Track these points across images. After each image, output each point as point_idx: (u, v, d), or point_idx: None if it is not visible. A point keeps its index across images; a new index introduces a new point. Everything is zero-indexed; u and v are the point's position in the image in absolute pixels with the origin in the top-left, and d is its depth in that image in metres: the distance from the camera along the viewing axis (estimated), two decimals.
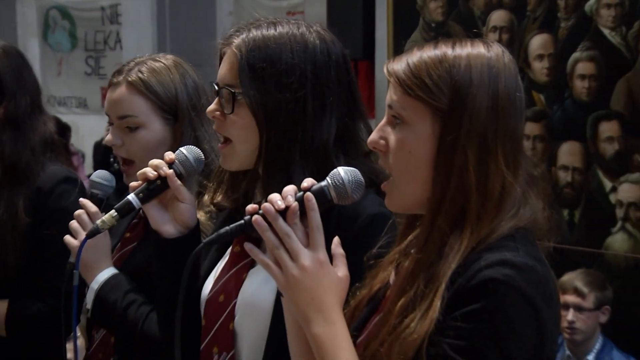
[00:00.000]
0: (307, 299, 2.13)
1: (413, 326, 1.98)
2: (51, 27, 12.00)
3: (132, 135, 3.10)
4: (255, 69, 2.51)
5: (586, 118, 6.39)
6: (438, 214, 2.07)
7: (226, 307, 2.61)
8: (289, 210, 2.13)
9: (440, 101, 2.04)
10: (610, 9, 6.30)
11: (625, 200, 6.27)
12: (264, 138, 2.52)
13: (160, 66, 3.14)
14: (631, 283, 6.16)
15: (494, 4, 6.90)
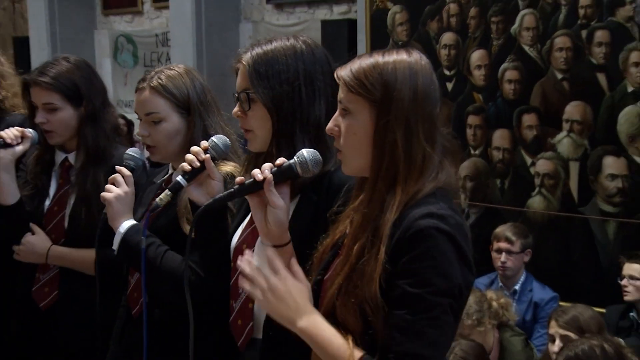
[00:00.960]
0: (285, 307, 2.16)
1: (368, 268, 2.05)
2: (119, 50, 11.85)
3: (156, 127, 3.05)
4: (260, 72, 2.53)
5: (512, 112, 6.46)
6: (377, 178, 2.12)
7: (239, 249, 2.62)
8: (265, 180, 2.25)
9: (375, 96, 2.11)
10: (529, 31, 6.32)
11: (541, 172, 6.32)
12: (275, 120, 2.53)
13: (174, 73, 3.10)
14: (546, 232, 6.24)
15: (444, 28, 6.87)
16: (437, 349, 2.04)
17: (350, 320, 2.07)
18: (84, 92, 3.55)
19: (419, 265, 2.00)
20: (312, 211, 2.46)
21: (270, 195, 2.26)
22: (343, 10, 9.37)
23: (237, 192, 2.32)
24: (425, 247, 2.01)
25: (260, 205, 2.30)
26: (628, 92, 5.88)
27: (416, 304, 2.00)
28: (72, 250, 3.53)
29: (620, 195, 5.94)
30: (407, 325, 2.00)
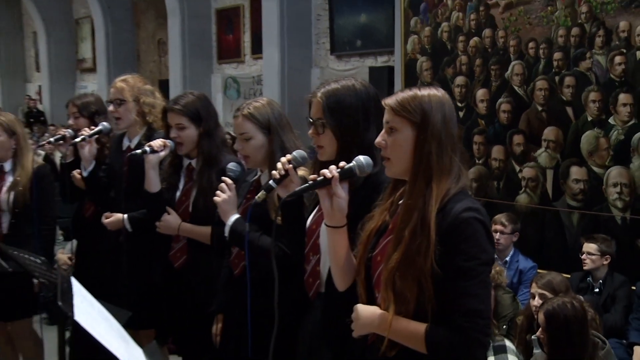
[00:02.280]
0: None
1: (422, 248, 1.99)
2: (228, 87, 11.98)
3: (247, 143, 3.05)
4: (331, 107, 2.49)
5: (506, 133, 6.41)
6: (417, 179, 2.07)
7: (315, 231, 2.59)
8: (333, 177, 2.18)
9: (415, 118, 2.08)
10: (518, 76, 6.30)
11: (526, 177, 6.29)
12: (339, 143, 2.50)
13: (259, 104, 3.08)
14: (529, 220, 6.18)
15: (457, 73, 6.86)
16: (487, 303, 2.03)
17: (408, 289, 2.01)
18: (203, 116, 3.55)
19: (467, 245, 1.98)
20: (359, 202, 2.37)
21: (336, 189, 2.20)
22: (384, 60, 9.32)
23: (311, 186, 2.25)
24: (470, 232, 1.99)
25: (328, 196, 2.22)
26: (588, 120, 5.85)
27: (469, 274, 1.97)
28: (195, 226, 3.52)
29: (582, 194, 5.91)
30: (465, 290, 1.97)
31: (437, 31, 7.16)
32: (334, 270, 2.30)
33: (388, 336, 2.06)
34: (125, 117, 3.96)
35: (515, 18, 6.42)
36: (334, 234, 2.25)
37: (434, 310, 2.00)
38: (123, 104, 3.94)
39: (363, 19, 9.72)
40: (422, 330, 2.01)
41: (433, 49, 7.24)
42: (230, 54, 12.31)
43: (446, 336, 1.97)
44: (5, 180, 4.34)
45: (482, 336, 1.97)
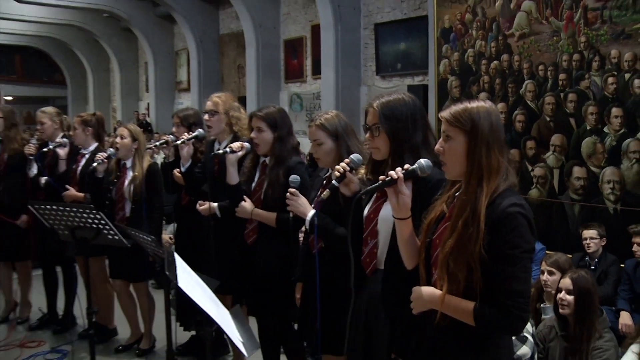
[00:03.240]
0: (428, 303, 2.06)
1: (473, 236, 1.92)
2: (293, 102, 12.03)
3: (319, 148, 3.02)
4: (385, 114, 2.44)
5: (520, 139, 6.34)
6: (470, 178, 2.00)
7: (373, 219, 2.52)
8: (399, 178, 2.11)
9: (467, 127, 2.00)
10: (530, 92, 6.23)
11: (537, 175, 6.22)
12: (392, 145, 2.45)
13: (329, 116, 3.05)
14: (539, 210, 6.05)
15: (481, 90, 6.79)
16: (527, 284, 1.95)
17: (459, 270, 1.95)
18: (279, 124, 3.52)
19: (512, 235, 1.91)
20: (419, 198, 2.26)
21: (401, 187, 2.12)
22: (420, 79, 9.31)
23: (381, 185, 2.17)
24: (514, 224, 1.91)
25: (395, 193, 2.14)
26: (587, 129, 5.80)
27: (513, 260, 1.90)
28: (264, 212, 3.48)
29: (582, 189, 5.85)
30: (509, 273, 1.90)
31: (464, 56, 7.14)
32: (402, 253, 2.23)
33: (441, 309, 2.02)
34: (216, 125, 3.99)
35: (527, 46, 6.39)
36: (401, 224, 2.19)
37: (481, 290, 1.95)
38: (216, 115, 3.98)
39: (402, 46, 9.81)
40: (471, 306, 1.96)
41: (461, 71, 7.20)
42: (295, 75, 12.41)
43: (492, 312, 1.93)
44: (127, 175, 4.51)
45: (522, 312, 1.92)
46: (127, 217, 4.48)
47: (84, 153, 4.89)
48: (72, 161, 4.90)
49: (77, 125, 4.84)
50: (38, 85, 24.62)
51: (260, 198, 3.55)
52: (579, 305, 3.42)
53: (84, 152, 4.90)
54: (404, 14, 9.86)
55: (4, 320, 5.51)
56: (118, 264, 4.57)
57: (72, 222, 3.63)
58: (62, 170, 4.86)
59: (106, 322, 5.05)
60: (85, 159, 4.84)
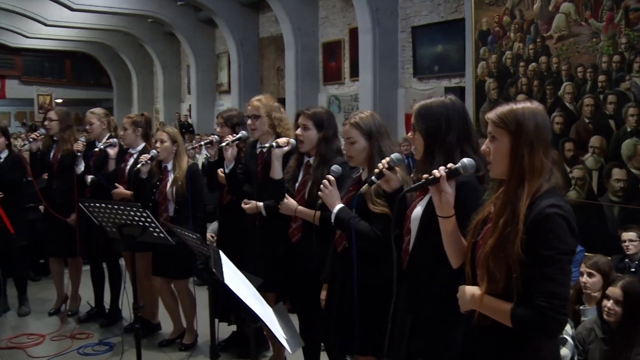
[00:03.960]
0: (469, 304, 2.03)
1: (511, 236, 1.89)
2: (331, 103, 12.02)
3: (352, 146, 2.99)
4: (421, 114, 2.43)
5: (559, 141, 6.23)
6: (511, 178, 1.97)
7: (409, 217, 2.46)
8: (441, 176, 2.08)
9: (511, 128, 1.96)
10: (569, 94, 6.16)
11: (575, 177, 6.13)
12: (427, 143, 2.41)
13: (364, 115, 3.03)
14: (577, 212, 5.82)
15: (519, 91, 6.72)
16: (564, 287, 1.89)
17: (499, 270, 1.92)
18: (325, 125, 3.50)
19: (548, 236, 1.86)
20: None
21: (444, 186, 2.09)
22: (457, 81, 9.28)
23: (423, 183, 2.14)
24: (551, 225, 1.86)
25: (438, 191, 2.11)
26: (627, 131, 5.70)
27: (548, 261, 1.86)
28: (307, 209, 3.46)
29: (622, 191, 5.75)
30: (544, 274, 1.86)
31: (502, 58, 7.07)
32: (447, 251, 2.19)
33: (478, 309, 1.98)
34: (259, 128, 3.97)
35: (566, 47, 6.29)
36: (444, 222, 2.15)
37: (519, 291, 1.90)
38: (258, 118, 3.96)
39: (439, 49, 9.76)
40: (508, 308, 1.91)
41: (498, 73, 7.13)
42: (333, 77, 12.43)
43: (528, 313, 1.88)
44: (168, 177, 4.55)
45: (558, 315, 1.86)
46: (170, 217, 4.52)
47: (132, 153, 4.95)
48: (120, 160, 4.98)
49: (128, 125, 4.90)
50: (86, 88, 25.25)
51: (304, 197, 3.54)
52: (626, 315, 3.33)
53: (132, 152, 4.96)
54: (440, 17, 9.80)
55: (56, 312, 5.65)
56: (160, 261, 4.60)
57: (119, 219, 3.68)
58: (111, 169, 4.92)
59: (150, 316, 5.11)
60: (133, 159, 4.90)
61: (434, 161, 2.32)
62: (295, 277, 3.61)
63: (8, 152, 5.52)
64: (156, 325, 5.15)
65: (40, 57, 24.53)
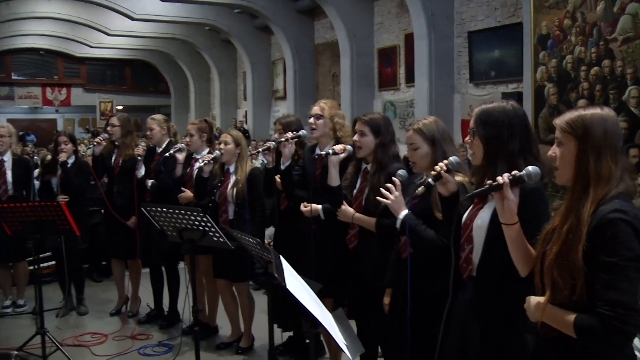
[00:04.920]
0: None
1: (574, 243, 1.85)
2: (387, 109, 11.95)
3: (415, 152, 2.98)
4: (482, 119, 2.38)
5: (623, 147, 6.10)
6: (576, 184, 1.94)
7: (470, 225, 2.42)
8: (504, 183, 2.06)
9: (578, 134, 1.92)
10: (634, 98, 5.99)
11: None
12: (485, 150, 2.37)
13: (427, 121, 3.01)
14: None
15: (580, 96, 6.59)
16: (630, 295, 1.81)
17: (562, 278, 1.87)
18: (382, 131, 3.49)
19: (611, 243, 1.81)
20: None
21: (507, 193, 2.06)
22: (514, 86, 9.16)
23: (486, 189, 2.13)
24: (614, 231, 1.81)
25: (501, 198, 2.09)
26: None
27: (612, 268, 1.80)
28: (364, 216, 3.46)
29: None
30: (607, 282, 1.80)
31: (563, 62, 6.92)
32: (514, 259, 2.15)
33: (541, 319, 1.94)
34: (320, 128, 4.00)
35: (632, 50, 6.10)
36: (507, 229, 2.12)
37: (584, 300, 1.84)
38: (321, 118, 3.99)
39: (496, 53, 9.65)
40: (572, 317, 1.85)
41: (559, 77, 6.98)
42: (389, 83, 12.40)
43: (591, 323, 1.81)
44: (230, 179, 4.61)
45: (623, 324, 1.78)
46: (230, 219, 4.56)
47: (197, 157, 5.00)
48: (186, 166, 5.06)
49: (194, 132, 5.00)
50: (145, 95, 25.91)
51: (362, 204, 3.52)
52: None
53: (197, 157, 5.01)
54: (497, 22, 9.67)
55: (117, 312, 5.78)
56: (221, 263, 4.63)
57: (180, 224, 3.73)
58: (179, 174, 5.00)
59: (209, 319, 5.16)
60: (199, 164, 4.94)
61: (496, 169, 2.28)
62: (353, 283, 3.60)
63: (75, 158, 5.71)
64: (214, 328, 5.20)
65: (102, 66, 25.41)
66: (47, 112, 26.54)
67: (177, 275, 5.37)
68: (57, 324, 5.46)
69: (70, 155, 5.63)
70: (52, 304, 5.77)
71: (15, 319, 5.66)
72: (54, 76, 25.49)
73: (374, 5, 12.74)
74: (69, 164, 5.58)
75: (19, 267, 5.87)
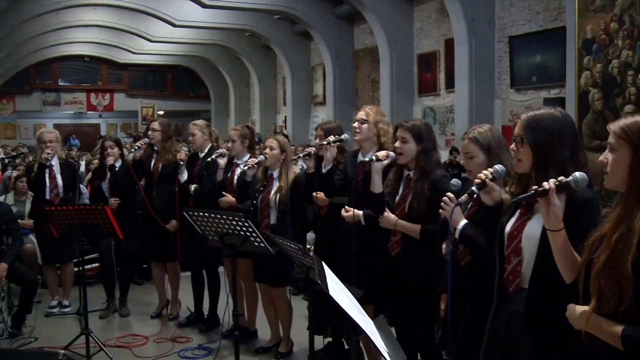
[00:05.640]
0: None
1: (624, 253, 1.79)
2: (426, 115, 11.91)
3: (471, 161, 2.93)
4: (531, 126, 2.33)
5: None
6: (630, 191, 1.87)
7: (517, 237, 2.37)
8: (550, 189, 2.02)
9: (633, 140, 1.85)
10: None
11: None
12: (535, 158, 2.31)
13: (482, 130, 2.96)
14: None
15: (626, 102, 6.45)
16: None
17: (609, 288, 1.81)
18: (424, 137, 3.46)
19: None
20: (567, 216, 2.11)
21: (553, 199, 2.02)
22: (556, 92, 9.04)
23: (532, 195, 2.09)
24: None
25: (546, 204, 2.04)
26: None
27: None
28: (408, 223, 3.44)
29: None
30: None
31: (608, 67, 6.77)
32: (559, 265, 2.10)
33: (585, 329, 1.87)
34: (363, 132, 3.97)
35: None
36: (552, 236, 2.07)
37: (633, 312, 1.77)
38: (365, 122, 3.97)
39: (538, 58, 9.52)
40: (619, 329, 1.78)
41: (604, 82, 6.83)
42: (428, 88, 12.36)
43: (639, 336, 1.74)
44: (273, 184, 4.62)
45: None
46: (272, 224, 4.56)
47: (238, 163, 5.04)
48: (227, 171, 5.09)
49: (236, 137, 5.03)
50: (185, 100, 26.30)
51: (404, 210, 3.50)
52: None
53: (238, 162, 5.04)
54: (539, 26, 9.56)
55: (158, 315, 5.86)
56: (261, 268, 4.65)
57: (222, 228, 3.75)
58: (219, 179, 5.03)
59: (249, 323, 5.17)
60: (240, 169, 4.98)
61: (547, 177, 2.20)
62: (395, 290, 3.58)
63: (122, 162, 5.83)
64: (253, 332, 5.21)
65: (144, 72, 25.94)
66: (91, 117, 27.23)
67: (218, 279, 5.40)
68: (100, 325, 5.57)
69: (117, 158, 5.75)
70: (96, 305, 5.89)
71: (61, 319, 5.79)
72: (98, 82, 26.14)
73: (413, 11, 12.71)
74: (116, 167, 5.69)
75: (66, 268, 6.01)
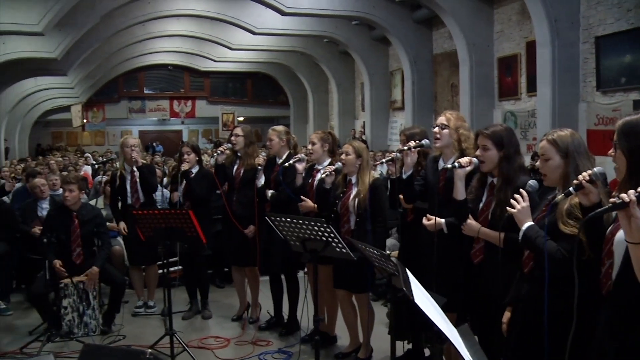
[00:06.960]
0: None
1: None
2: (507, 120, 11.63)
3: (546, 163, 2.85)
4: (624, 132, 2.25)
5: None
6: None
7: (610, 240, 2.33)
8: (631, 201, 1.95)
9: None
10: None
11: None
12: (631, 164, 2.23)
13: (562, 133, 2.87)
14: None
15: None
16: None
17: None
18: (505, 143, 3.39)
19: None
20: None
21: (634, 211, 1.95)
22: None
23: (610, 208, 2.03)
24: None
25: (627, 216, 1.98)
26: None
27: None
28: (490, 231, 3.36)
29: None
30: None
31: None
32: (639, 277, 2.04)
33: None
34: (443, 138, 3.94)
35: None
36: (634, 249, 2.01)
37: None
38: (446, 128, 3.94)
39: (627, 59, 9.15)
40: None
41: None
42: (509, 92, 12.13)
43: None
44: (352, 189, 4.65)
45: None
46: (352, 229, 4.56)
47: (319, 168, 5.05)
48: (307, 176, 5.12)
49: (317, 140, 5.05)
50: (265, 107, 26.84)
51: (488, 218, 3.45)
52: None
53: (319, 167, 5.06)
54: (630, 24, 9.16)
55: (239, 318, 5.96)
56: (342, 274, 4.66)
57: (303, 233, 3.79)
58: (299, 184, 5.04)
59: (328, 329, 5.19)
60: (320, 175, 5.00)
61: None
62: (477, 299, 3.53)
63: (199, 168, 5.96)
64: (333, 337, 5.23)
65: (224, 79, 26.67)
66: (174, 123, 28.21)
67: (297, 283, 5.45)
68: (182, 326, 5.73)
69: (193, 165, 5.90)
70: (179, 307, 6.05)
71: (147, 319, 6.03)
72: (181, 89, 27.11)
73: (493, 13, 12.47)
74: (192, 173, 5.82)
75: (150, 270, 6.24)
